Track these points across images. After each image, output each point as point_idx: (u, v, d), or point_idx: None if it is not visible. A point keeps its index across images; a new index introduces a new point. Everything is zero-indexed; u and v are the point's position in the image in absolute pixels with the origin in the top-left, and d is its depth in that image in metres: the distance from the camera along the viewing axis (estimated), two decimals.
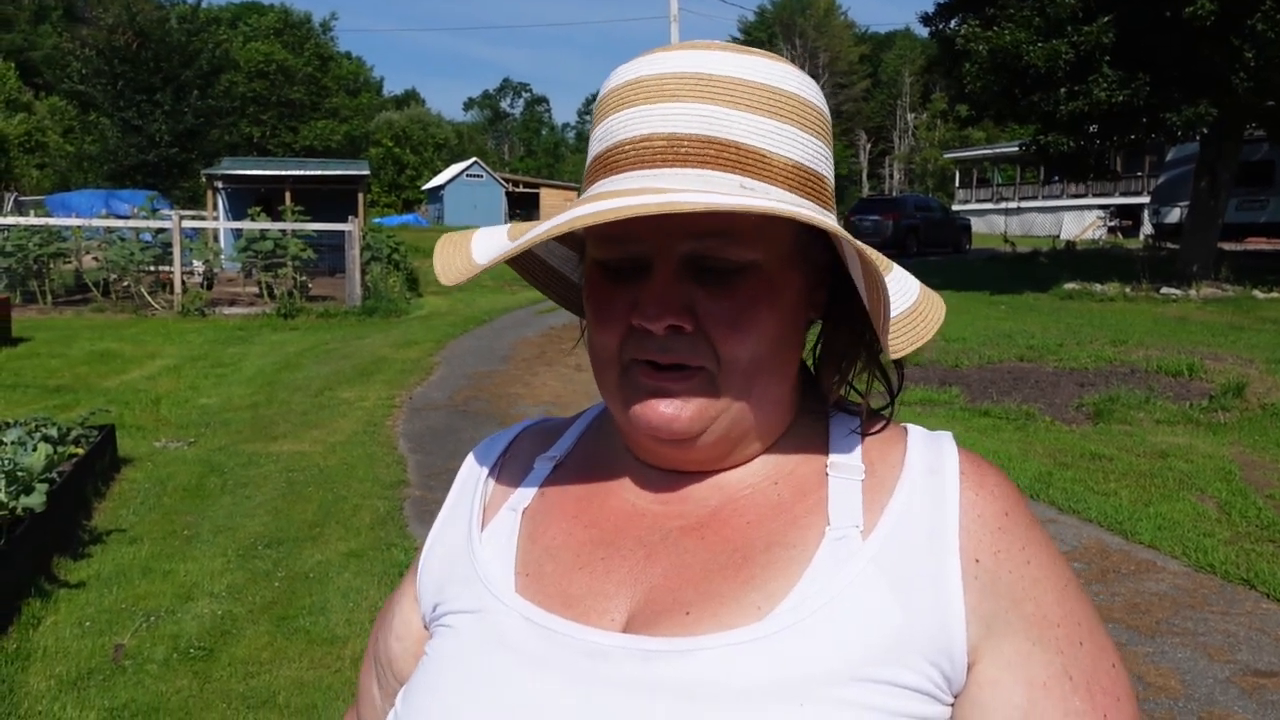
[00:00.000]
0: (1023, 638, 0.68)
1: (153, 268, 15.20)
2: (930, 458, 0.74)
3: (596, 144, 0.74)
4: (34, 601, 3.98)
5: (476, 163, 48.73)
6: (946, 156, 49.52)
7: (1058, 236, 31.92)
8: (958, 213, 33.65)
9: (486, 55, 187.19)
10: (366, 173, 25.40)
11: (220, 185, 22.96)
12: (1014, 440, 6.75)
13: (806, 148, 0.72)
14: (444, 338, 12.09)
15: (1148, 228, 27.14)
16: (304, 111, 63.65)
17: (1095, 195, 36.26)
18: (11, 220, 16.12)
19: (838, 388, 0.80)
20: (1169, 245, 21.31)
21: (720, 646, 0.66)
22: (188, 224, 16.51)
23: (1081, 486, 5.61)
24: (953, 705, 0.68)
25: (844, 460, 0.75)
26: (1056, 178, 36.10)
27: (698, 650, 0.66)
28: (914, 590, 0.67)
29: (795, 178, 0.71)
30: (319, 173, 24.03)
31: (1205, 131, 15.48)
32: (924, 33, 19.90)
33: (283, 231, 15.57)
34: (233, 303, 15.44)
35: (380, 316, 14.59)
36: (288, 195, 20.80)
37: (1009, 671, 0.67)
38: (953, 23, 17.31)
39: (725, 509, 0.75)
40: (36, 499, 4.12)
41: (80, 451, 5.29)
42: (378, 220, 34.95)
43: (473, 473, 0.88)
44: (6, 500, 4.04)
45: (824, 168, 0.74)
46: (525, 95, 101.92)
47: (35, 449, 4.51)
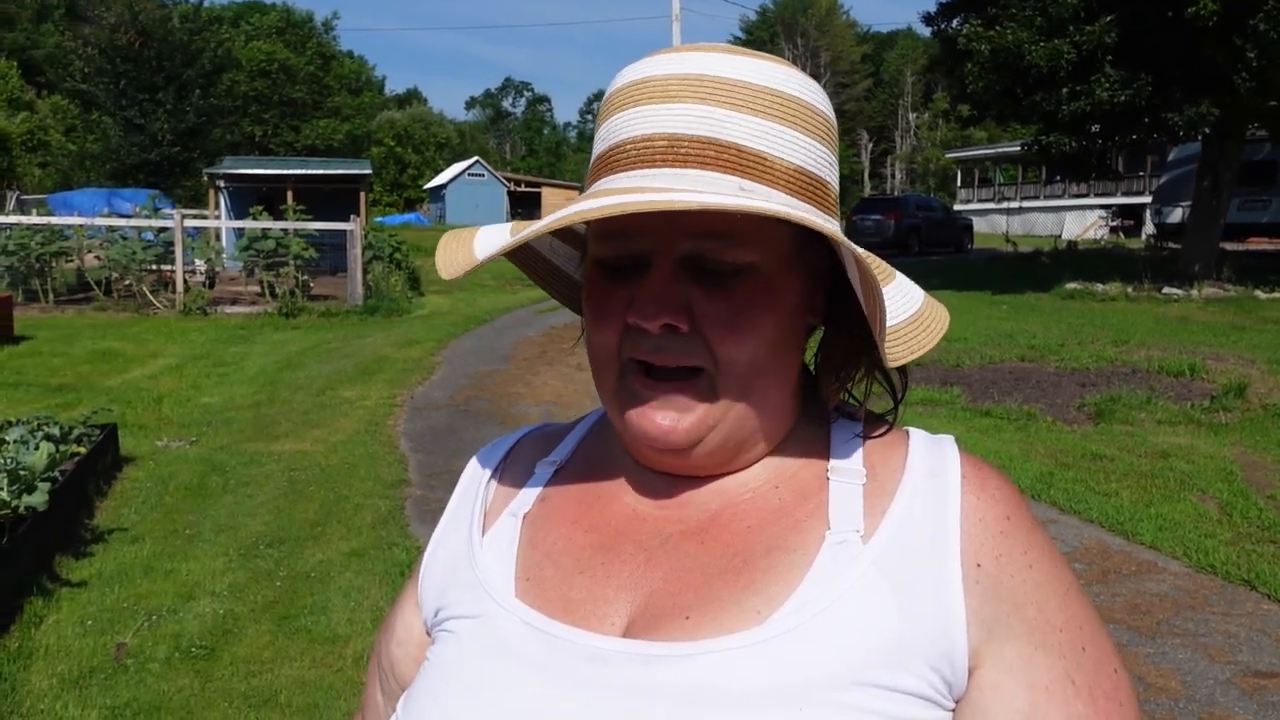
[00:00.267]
0: (1025, 642, 0.67)
1: (155, 267, 15.22)
2: (932, 461, 0.74)
3: (600, 143, 0.75)
4: (36, 600, 3.99)
5: (478, 162, 48.73)
6: (948, 156, 49.49)
7: (1059, 236, 31.87)
8: (959, 212, 33.69)
9: (488, 54, 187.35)
10: (368, 172, 25.38)
11: (222, 184, 22.94)
12: (1015, 440, 6.75)
13: (809, 152, 0.72)
14: (445, 337, 12.10)
15: (1150, 227, 27.14)
16: (306, 110, 63.68)
17: (1097, 195, 36.24)
18: (14, 219, 16.14)
19: (837, 393, 0.79)
20: (1171, 245, 21.29)
21: (720, 651, 0.65)
22: (190, 223, 16.52)
23: (1083, 487, 5.61)
24: (954, 710, 0.67)
25: (845, 464, 0.75)
26: (1058, 177, 36.08)
27: (698, 655, 0.66)
28: (915, 594, 0.67)
29: (796, 181, 0.71)
30: (321, 172, 23.99)
31: (1207, 131, 15.47)
32: (926, 32, 19.89)
33: (284, 230, 15.58)
34: (234, 302, 15.45)
35: (382, 316, 14.59)
36: (290, 194, 20.79)
37: (1011, 676, 0.67)
38: (955, 22, 17.29)
39: (725, 513, 0.75)
40: (39, 498, 4.13)
41: (82, 450, 5.30)
42: (379, 219, 34.93)
43: (474, 478, 0.88)
44: (9, 499, 4.05)
45: (827, 172, 0.74)
46: (527, 94, 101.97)
47: (37, 448, 4.52)
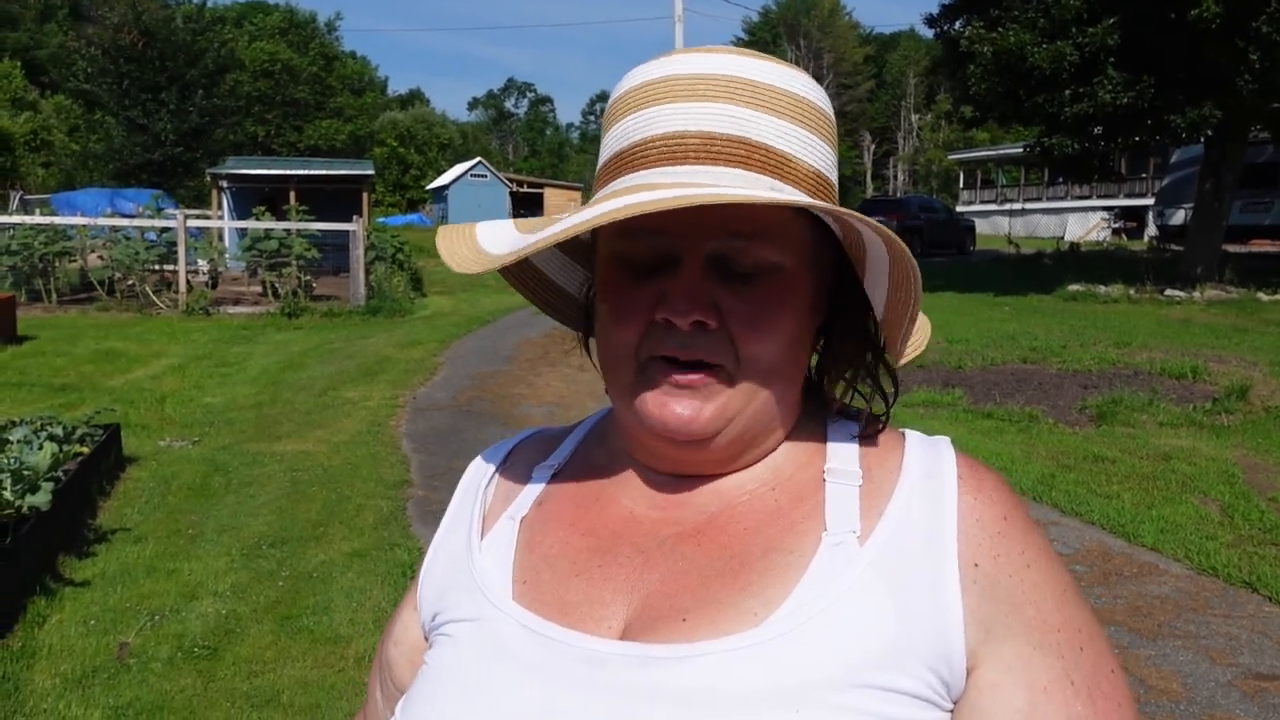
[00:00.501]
0: (1023, 642, 0.67)
1: (157, 267, 15.24)
2: (928, 463, 0.74)
3: (616, 140, 0.74)
4: (39, 600, 4.00)
5: (481, 163, 48.69)
6: (951, 158, 49.46)
7: (1062, 238, 31.83)
8: (962, 214, 33.66)
9: (491, 55, 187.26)
10: (371, 172, 25.40)
11: (225, 184, 22.95)
12: (1017, 442, 6.75)
13: (824, 157, 0.74)
14: (448, 338, 12.10)
15: (1152, 229, 27.11)
16: (309, 111, 63.71)
17: (1099, 197, 36.20)
18: (17, 219, 16.17)
19: (842, 394, 0.80)
20: (1173, 247, 21.28)
21: (717, 653, 0.65)
22: (192, 223, 16.52)
23: (1084, 489, 5.61)
24: (952, 711, 0.67)
25: (841, 466, 0.75)
26: (1061, 179, 36.07)
27: (695, 657, 0.66)
28: (912, 595, 0.67)
29: (814, 184, 0.72)
30: (323, 172, 24.01)
31: (1210, 133, 15.46)
32: (929, 34, 19.89)
33: (287, 231, 15.58)
34: (237, 302, 15.46)
35: (384, 316, 14.60)
36: (292, 195, 20.79)
37: (1009, 676, 0.67)
38: (957, 24, 17.31)
39: (723, 515, 0.75)
40: (42, 498, 4.14)
41: (85, 450, 5.32)
42: (382, 220, 34.93)
43: (473, 482, 0.88)
44: (12, 499, 4.06)
45: (834, 177, 0.76)
46: (529, 95, 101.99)
47: (41, 448, 4.52)
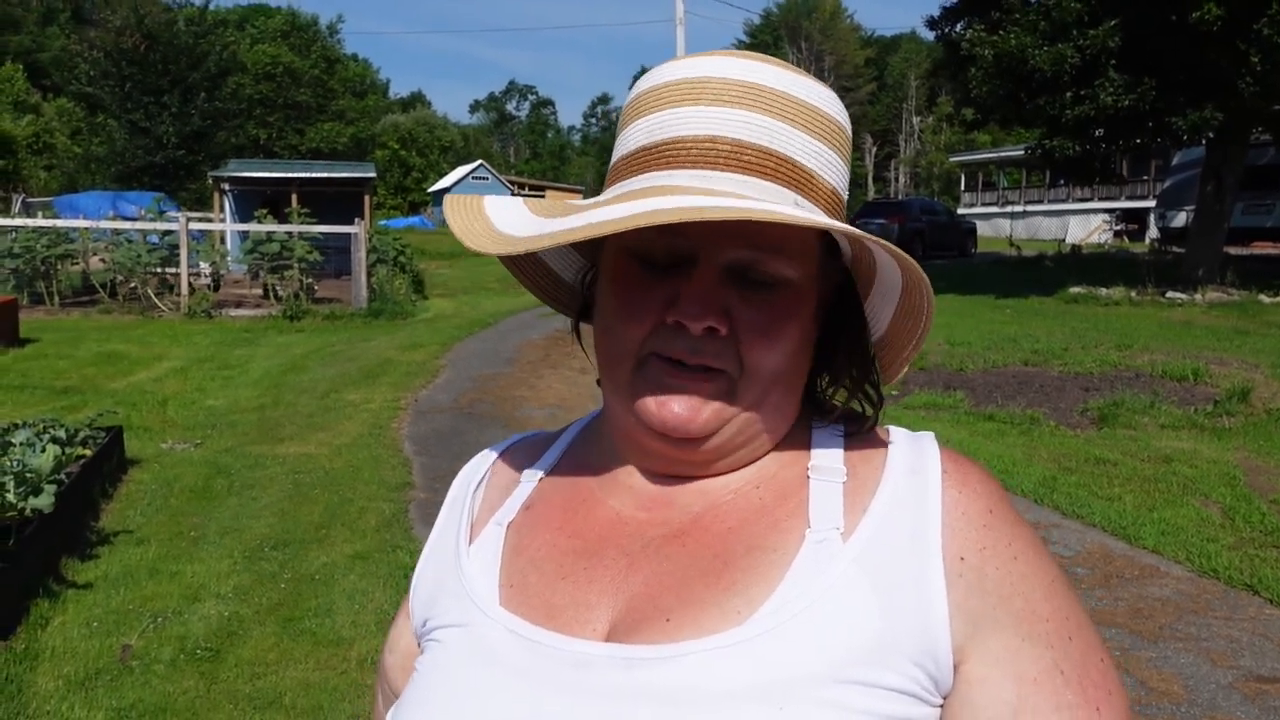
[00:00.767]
0: (1011, 633, 0.67)
1: (159, 269, 15.24)
2: (912, 458, 0.74)
3: (644, 134, 0.73)
4: (42, 602, 4.00)
5: (482, 165, 48.84)
6: (952, 160, 49.49)
7: (1063, 240, 31.84)
8: (963, 216, 33.65)
9: (492, 58, 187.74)
10: (372, 175, 25.41)
11: (227, 187, 22.98)
12: (1018, 445, 6.75)
13: (841, 175, 0.74)
14: (449, 340, 12.11)
15: (1153, 232, 27.11)
16: (310, 114, 63.81)
17: (1101, 199, 36.19)
18: (19, 221, 16.18)
19: (845, 399, 0.81)
20: (1174, 249, 21.27)
21: (701, 652, 0.65)
22: (194, 226, 16.54)
23: (1085, 491, 5.61)
24: (941, 706, 0.67)
25: (825, 463, 0.75)
26: (1062, 181, 36.07)
27: (679, 656, 0.66)
28: (896, 591, 0.67)
29: (831, 201, 0.73)
30: (325, 175, 24.02)
31: (1211, 136, 15.47)
32: (930, 36, 19.90)
33: (289, 234, 15.58)
34: (239, 305, 15.47)
35: (386, 319, 14.61)
36: (294, 197, 20.80)
37: (998, 668, 0.67)
38: (958, 26, 17.32)
39: (707, 515, 0.75)
40: (45, 500, 4.14)
41: (88, 453, 5.32)
42: (383, 223, 35.03)
43: (462, 488, 0.88)
44: (15, 501, 4.06)
45: (846, 194, 0.76)
46: (531, 98, 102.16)
47: (44, 450, 4.54)
